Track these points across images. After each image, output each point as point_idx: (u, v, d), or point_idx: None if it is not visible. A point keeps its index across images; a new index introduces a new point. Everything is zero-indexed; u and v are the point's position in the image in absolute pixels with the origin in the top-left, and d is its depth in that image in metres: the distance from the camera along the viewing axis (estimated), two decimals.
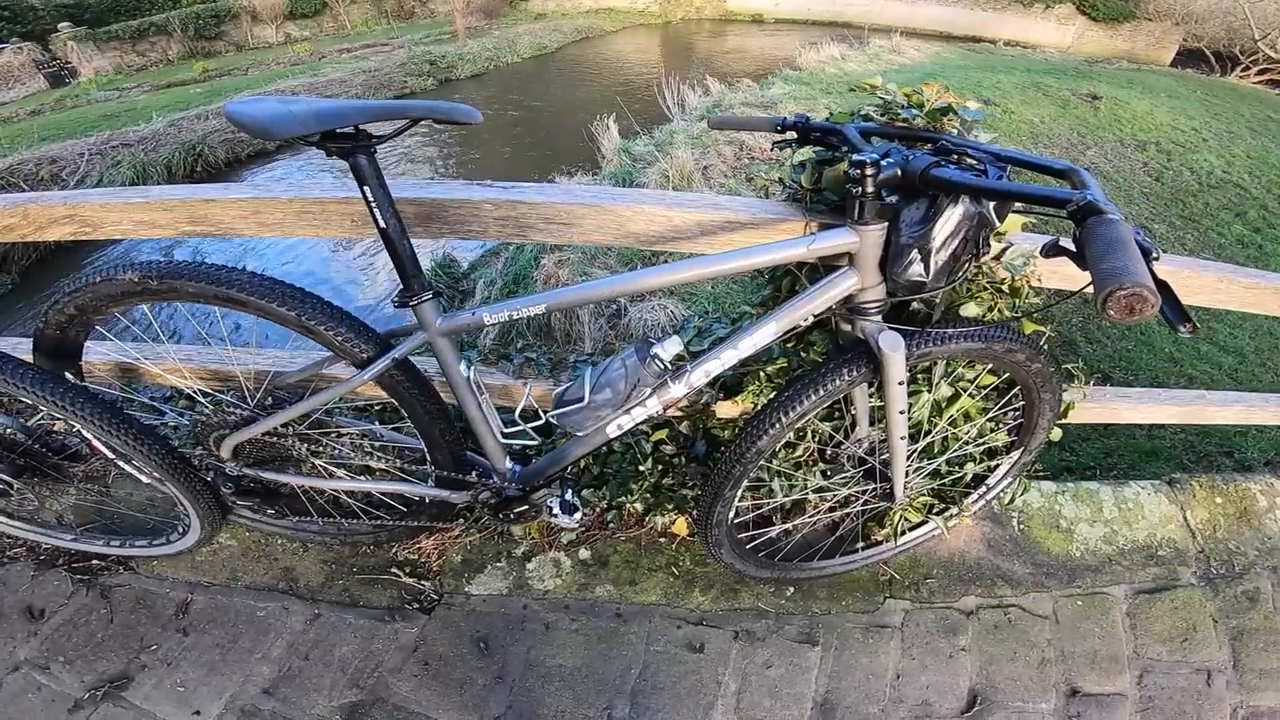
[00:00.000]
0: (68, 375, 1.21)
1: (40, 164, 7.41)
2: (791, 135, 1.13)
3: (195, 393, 1.32)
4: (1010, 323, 1.21)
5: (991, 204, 0.88)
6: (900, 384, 1.06)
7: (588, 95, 12.74)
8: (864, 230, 0.94)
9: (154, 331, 1.41)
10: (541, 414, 1.22)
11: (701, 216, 1.13)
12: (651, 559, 1.64)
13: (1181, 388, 3.13)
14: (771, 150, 1.19)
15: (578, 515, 1.25)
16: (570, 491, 1.25)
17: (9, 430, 1.34)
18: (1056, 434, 1.55)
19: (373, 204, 0.98)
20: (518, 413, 1.21)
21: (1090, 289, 0.84)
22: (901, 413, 1.12)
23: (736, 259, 0.98)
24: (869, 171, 0.88)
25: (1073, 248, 0.71)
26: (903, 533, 1.60)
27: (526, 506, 1.29)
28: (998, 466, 1.52)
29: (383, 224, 1.00)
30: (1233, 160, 8.07)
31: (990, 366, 1.32)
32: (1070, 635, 1.54)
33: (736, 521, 1.49)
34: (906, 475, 1.38)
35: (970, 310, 1.17)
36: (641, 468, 1.68)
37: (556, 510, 1.25)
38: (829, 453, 1.40)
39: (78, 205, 1.25)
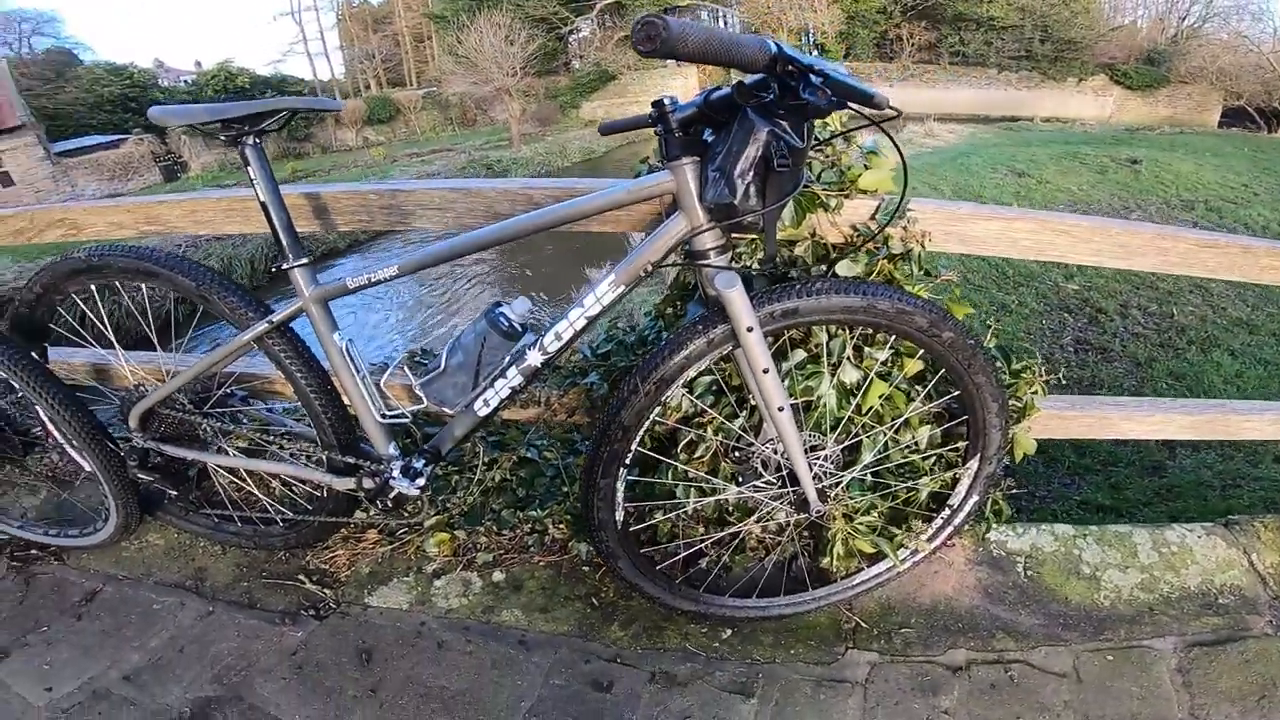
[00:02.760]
0: (33, 355, 1.44)
1: None
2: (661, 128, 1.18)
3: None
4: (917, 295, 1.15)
5: (786, 124, 0.91)
6: (750, 330, 1.04)
7: None
8: (676, 167, 1.00)
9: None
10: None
11: (558, 193, 1.24)
12: (571, 587, 1.57)
13: None
14: None
15: (420, 481, 1.26)
16: (423, 461, 1.26)
17: None
18: (1030, 444, 1.41)
19: (255, 181, 1.18)
20: (382, 382, 1.26)
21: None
22: (766, 371, 1.08)
23: (564, 208, 1.07)
24: (667, 109, 0.97)
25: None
26: (852, 571, 1.45)
27: (398, 492, 1.30)
28: (958, 480, 1.37)
29: (262, 198, 1.19)
30: None
31: (906, 348, 1.24)
32: (1098, 696, 1.31)
33: (666, 548, 1.40)
34: (825, 477, 1.28)
35: (846, 269, 1.14)
36: (565, 489, 1.66)
37: (396, 473, 1.25)
38: (737, 455, 1.33)
39: (68, 211, 1.58)
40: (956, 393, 1.24)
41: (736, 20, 28.14)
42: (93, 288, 1.37)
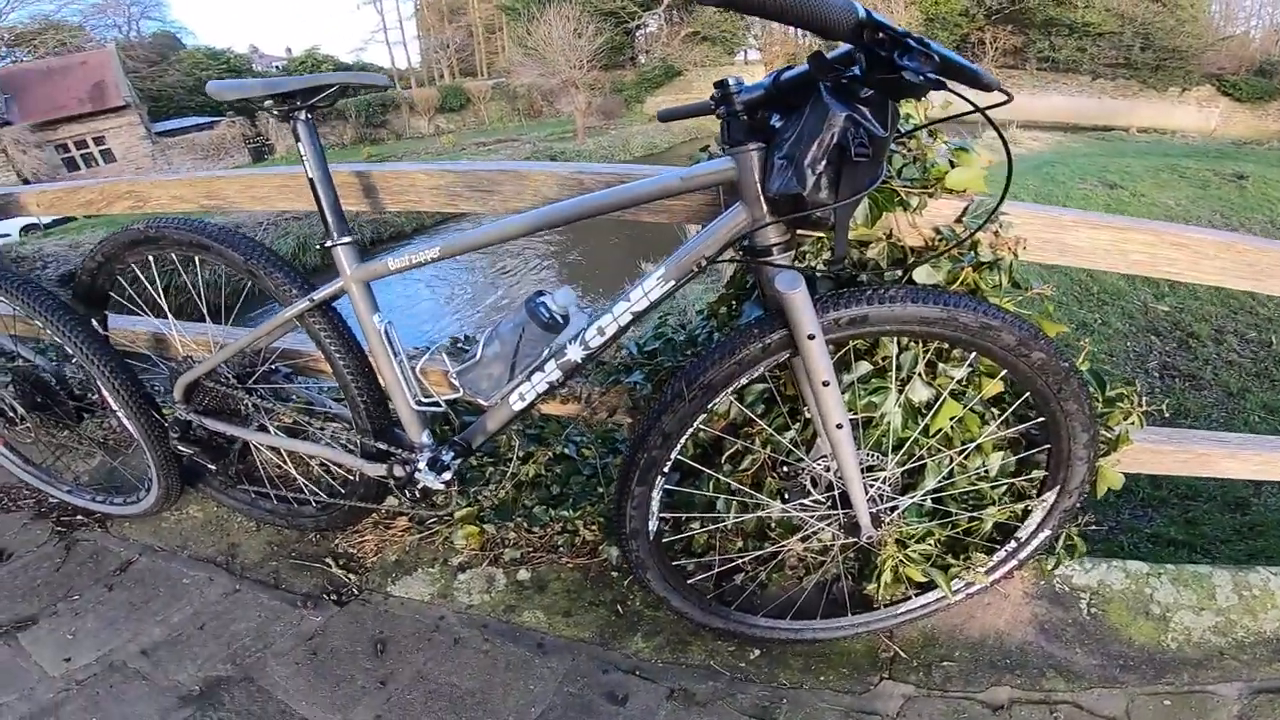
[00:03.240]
0: (93, 323, 1.46)
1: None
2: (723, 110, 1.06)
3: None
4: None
5: (866, 109, 0.80)
6: (811, 338, 0.92)
7: None
8: (737, 153, 0.90)
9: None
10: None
11: (610, 178, 1.16)
12: (596, 592, 1.50)
13: None
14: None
15: (447, 476, 1.21)
16: (451, 454, 1.21)
17: (41, 370, 1.56)
18: (1116, 479, 1.24)
19: (304, 157, 1.17)
20: (418, 367, 1.21)
21: None
22: (826, 384, 0.96)
23: (613, 194, 0.99)
24: (731, 90, 0.87)
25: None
26: (898, 599, 1.31)
27: (423, 484, 1.24)
28: (1029, 513, 1.22)
29: (311, 174, 1.17)
30: None
31: (986, 367, 1.10)
32: None
33: (701, 561, 1.31)
34: (880, 501, 1.15)
35: (925, 276, 1.00)
36: (601, 489, 1.57)
37: (422, 466, 1.20)
38: (785, 470, 1.21)
39: (135, 184, 1.62)
40: (1040, 419, 1.09)
41: None
42: (150, 258, 1.38)
